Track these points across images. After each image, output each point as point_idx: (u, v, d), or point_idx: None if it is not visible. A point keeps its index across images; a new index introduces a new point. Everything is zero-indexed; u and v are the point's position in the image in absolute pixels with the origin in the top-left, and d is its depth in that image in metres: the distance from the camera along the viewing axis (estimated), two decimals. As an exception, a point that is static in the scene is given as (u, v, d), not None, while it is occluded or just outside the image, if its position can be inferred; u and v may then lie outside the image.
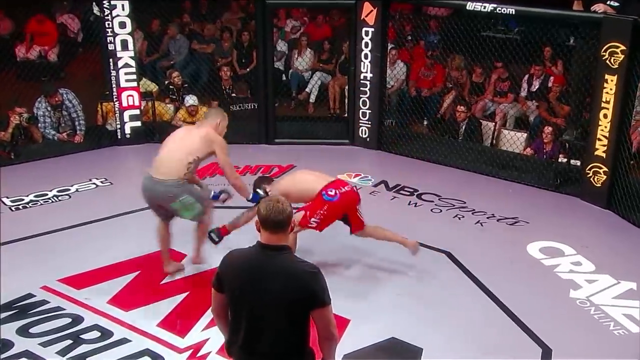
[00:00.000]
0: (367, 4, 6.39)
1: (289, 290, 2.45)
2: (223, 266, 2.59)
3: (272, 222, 2.47)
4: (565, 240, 5.03)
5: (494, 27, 8.64)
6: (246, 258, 2.54)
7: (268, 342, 2.51)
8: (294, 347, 2.53)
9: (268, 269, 2.47)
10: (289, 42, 9.10)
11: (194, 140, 4.15)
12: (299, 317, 2.49)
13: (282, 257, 2.49)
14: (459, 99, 7.36)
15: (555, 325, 4.10)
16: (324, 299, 2.46)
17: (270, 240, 2.50)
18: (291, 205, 2.57)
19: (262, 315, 2.49)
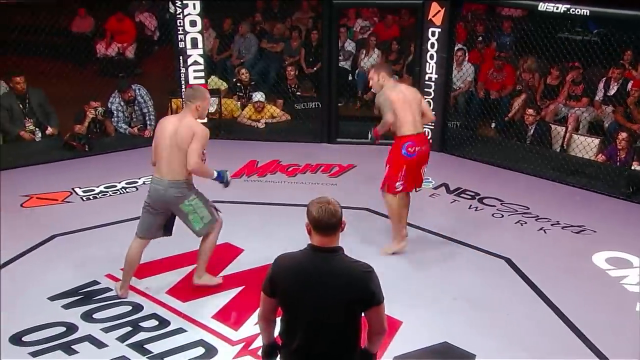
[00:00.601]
0: (434, 4, 6.32)
1: (347, 291, 2.47)
2: (276, 270, 2.60)
3: (325, 224, 2.50)
4: (634, 251, 4.82)
5: (572, 28, 8.36)
6: (300, 262, 2.55)
7: (326, 343, 2.53)
8: (350, 346, 2.58)
9: (325, 272, 2.49)
10: (357, 42, 9.12)
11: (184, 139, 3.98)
12: (355, 316, 2.54)
13: (337, 258, 2.52)
14: (529, 102, 7.16)
15: (616, 337, 3.94)
16: (379, 298, 2.52)
17: (322, 243, 2.52)
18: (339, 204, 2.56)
19: (321, 318, 2.51)
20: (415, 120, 4.65)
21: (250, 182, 6.10)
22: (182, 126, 3.99)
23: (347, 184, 6.04)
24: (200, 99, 4.07)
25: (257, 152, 6.65)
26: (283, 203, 5.64)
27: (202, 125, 4.07)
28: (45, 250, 4.82)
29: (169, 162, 4.02)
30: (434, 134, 6.68)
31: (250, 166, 6.39)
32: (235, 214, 5.41)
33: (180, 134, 3.98)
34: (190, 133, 3.96)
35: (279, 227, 5.22)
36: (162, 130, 4.07)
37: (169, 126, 4.05)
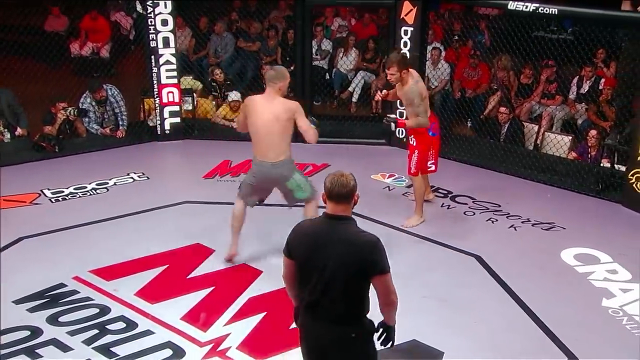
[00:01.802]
0: (406, 3, 6.35)
1: (350, 257, 2.67)
2: (292, 235, 2.84)
3: (336, 194, 2.72)
4: (602, 247, 4.88)
5: (547, 27, 8.43)
6: (313, 227, 2.82)
7: (329, 306, 2.74)
8: (353, 311, 2.76)
9: (332, 237, 2.70)
10: (334, 40, 9.13)
11: (281, 123, 4.33)
12: (359, 283, 2.72)
13: (345, 226, 2.73)
14: (504, 101, 7.21)
15: (584, 334, 3.99)
16: (383, 267, 2.68)
17: (334, 211, 2.74)
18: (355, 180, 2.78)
19: (326, 280, 2.71)
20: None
21: (223, 182, 6.09)
22: (279, 109, 4.30)
23: (320, 183, 5.96)
24: (282, 79, 4.35)
25: (231, 152, 6.63)
26: (256, 203, 5.62)
27: (292, 101, 4.42)
28: (12, 253, 4.77)
29: (272, 144, 4.34)
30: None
31: (224, 166, 6.37)
32: (206, 215, 5.42)
33: (278, 117, 4.29)
34: (289, 113, 4.30)
35: (251, 227, 5.19)
36: (257, 115, 4.34)
37: (263, 112, 4.32)
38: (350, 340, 2.78)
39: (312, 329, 2.84)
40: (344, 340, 2.78)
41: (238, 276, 4.58)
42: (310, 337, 2.87)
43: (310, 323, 2.84)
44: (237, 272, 4.63)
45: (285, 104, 4.34)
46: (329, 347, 2.81)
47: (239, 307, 4.23)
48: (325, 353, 2.83)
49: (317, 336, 2.83)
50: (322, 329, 2.80)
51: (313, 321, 2.82)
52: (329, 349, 2.81)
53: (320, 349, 2.84)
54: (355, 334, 2.79)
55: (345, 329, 2.77)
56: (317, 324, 2.81)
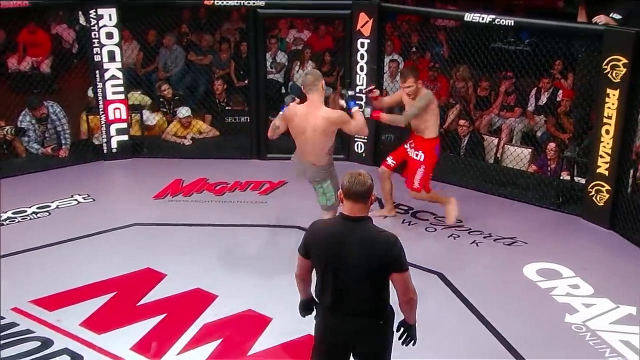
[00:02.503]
0: (362, 15, 6.44)
1: (371, 256, 2.84)
2: (309, 235, 3.01)
3: (355, 193, 2.85)
4: (563, 261, 5.01)
5: (505, 38, 8.68)
6: (330, 228, 2.97)
7: (352, 303, 2.92)
8: (375, 307, 2.95)
9: (351, 238, 2.86)
10: (289, 53, 9.19)
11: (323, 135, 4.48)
12: (379, 281, 2.89)
13: (364, 226, 2.88)
14: (463, 113, 7.37)
15: (548, 351, 4.07)
16: (402, 264, 2.87)
17: (352, 211, 2.88)
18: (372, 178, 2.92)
19: (347, 280, 2.89)
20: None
21: (175, 202, 6.03)
22: (320, 122, 4.43)
23: (277, 201, 6.05)
24: (320, 78, 4.47)
25: (182, 171, 6.58)
26: (210, 224, 5.61)
27: (339, 112, 4.57)
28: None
29: (314, 151, 4.55)
30: (366, 148, 6.78)
31: (175, 185, 6.32)
32: (157, 237, 5.36)
33: (324, 129, 4.44)
34: (332, 125, 4.46)
35: (205, 249, 5.18)
36: (300, 121, 4.49)
37: (307, 124, 4.46)
38: (379, 327, 2.98)
39: (337, 324, 2.99)
40: (373, 328, 2.97)
41: (192, 301, 4.53)
42: (334, 332, 3.02)
43: (335, 319, 2.99)
44: (191, 297, 4.58)
45: (328, 116, 4.46)
46: (357, 338, 2.98)
47: (193, 334, 4.18)
48: (352, 345, 3.01)
49: (342, 331, 2.98)
50: (347, 322, 2.96)
51: (338, 317, 2.97)
52: (356, 340, 2.99)
53: (344, 343, 3.01)
54: (383, 321, 2.98)
55: (372, 320, 2.96)
56: (343, 319, 2.97)
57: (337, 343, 3.04)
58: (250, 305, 4.47)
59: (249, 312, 4.43)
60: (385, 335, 3.03)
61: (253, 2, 6.62)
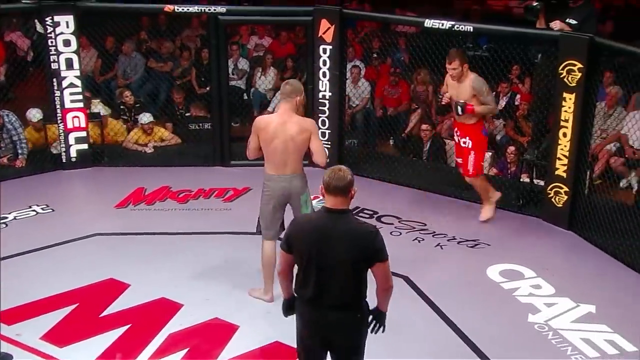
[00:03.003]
0: (324, 21, 6.48)
1: (355, 248, 2.97)
2: (292, 230, 3.11)
3: (334, 187, 2.99)
4: (525, 262, 5.11)
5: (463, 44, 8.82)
6: (313, 221, 3.10)
7: (333, 296, 3.03)
8: (353, 300, 3.09)
9: (335, 230, 2.99)
10: (251, 60, 9.18)
11: (295, 139, 4.39)
12: (360, 272, 3.04)
13: (346, 219, 3.03)
14: (425, 118, 7.46)
15: (512, 351, 4.15)
16: (383, 255, 3.03)
17: (333, 204, 3.02)
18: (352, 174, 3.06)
19: (330, 271, 3.00)
20: None
21: (137, 211, 5.96)
22: (294, 128, 4.36)
23: (242, 208, 6.03)
24: (299, 92, 4.44)
25: (144, 179, 6.51)
26: (174, 232, 5.56)
27: (307, 119, 4.57)
28: None
29: (286, 161, 4.41)
30: (330, 154, 6.78)
31: (137, 194, 6.24)
32: (120, 247, 5.29)
33: (296, 138, 4.36)
34: (306, 134, 4.38)
35: (169, 258, 5.14)
36: (271, 132, 4.39)
37: (279, 132, 4.38)
38: (356, 321, 3.12)
39: (317, 318, 3.11)
40: (351, 322, 3.10)
41: (157, 311, 4.49)
42: (314, 326, 3.14)
43: (315, 313, 3.10)
44: (156, 307, 4.53)
45: (301, 123, 4.42)
46: (335, 331, 3.11)
47: (158, 344, 4.14)
48: (331, 338, 3.13)
49: (322, 324, 3.11)
50: (329, 316, 3.07)
51: (318, 310, 3.08)
52: (334, 333, 3.11)
53: (326, 334, 3.13)
54: (360, 315, 3.13)
55: (352, 313, 3.09)
56: (323, 312, 3.08)
57: (315, 336, 3.15)
58: (216, 314, 4.45)
59: (215, 320, 4.41)
60: (361, 329, 3.17)
61: (214, 9, 6.61)
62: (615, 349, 4.17)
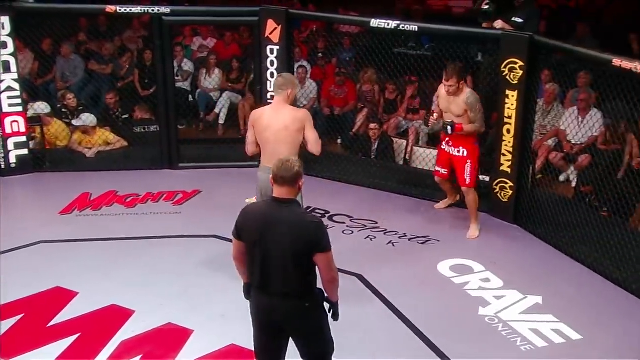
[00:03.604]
0: (270, 22, 6.47)
1: (297, 237, 3.05)
2: (241, 218, 3.20)
3: (281, 178, 3.11)
4: (474, 257, 5.24)
5: (406, 43, 8.97)
6: (260, 209, 3.20)
7: (279, 284, 3.10)
8: (301, 289, 3.13)
9: (278, 219, 3.07)
10: (196, 61, 9.09)
11: (288, 129, 4.39)
12: (304, 261, 3.08)
13: (290, 209, 3.11)
14: (372, 117, 7.55)
15: (465, 344, 4.25)
16: (325, 245, 3.08)
17: (280, 194, 3.13)
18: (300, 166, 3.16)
19: (273, 259, 3.08)
20: None
21: (83, 217, 5.83)
22: (287, 118, 4.38)
23: (192, 211, 5.98)
24: (291, 85, 4.46)
25: (89, 184, 6.37)
26: (122, 237, 5.46)
27: (304, 111, 4.56)
28: None
29: (278, 152, 4.24)
30: (279, 154, 6.79)
31: (83, 199, 6.10)
32: (67, 254, 5.17)
33: (290, 127, 4.37)
34: (299, 124, 4.38)
35: (118, 264, 5.05)
36: (265, 123, 4.42)
37: (272, 122, 4.40)
38: (305, 310, 3.17)
39: (266, 304, 3.18)
40: (299, 311, 3.16)
41: (107, 319, 4.40)
42: (264, 312, 3.21)
43: (264, 299, 3.18)
44: (106, 315, 4.45)
45: (294, 113, 4.44)
46: (284, 320, 3.18)
47: (110, 352, 4.07)
48: (281, 326, 3.20)
49: (271, 311, 3.17)
50: (275, 303, 3.14)
51: (266, 297, 3.16)
52: (284, 322, 3.19)
53: (275, 322, 3.20)
54: (309, 304, 3.17)
55: (298, 301, 3.14)
56: (271, 300, 3.15)
57: (267, 322, 3.21)
58: (169, 319, 4.40)
59: (168, 325, 4.36)
60: (313, 317, 3.22)
61: (158, 10, 6.51)
62: (561, 337, 4.31)
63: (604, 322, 4.47)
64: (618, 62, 4.64)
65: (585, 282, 4.96)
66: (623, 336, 4.32)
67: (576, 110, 6.79)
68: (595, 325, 4.42)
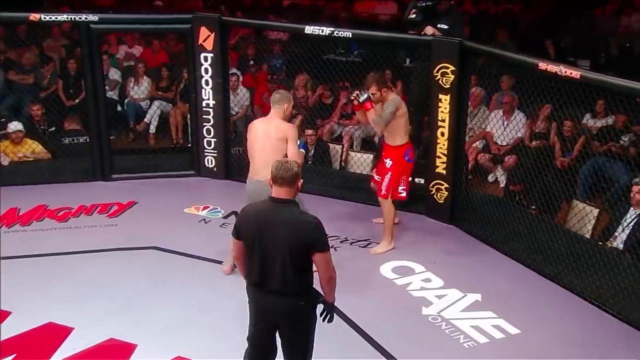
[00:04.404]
0: (203, 29, 6.42)
1: (294, 236, 3.14)
2: (240, 217, 3.33)
3: (280, 178, 3.19)
4: (415, 258, 5.36)
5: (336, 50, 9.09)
6: (259, 210, 3.26)
7: (276, 282, 3.20)
8: (298, 288, 3.23)
9: (277, 219, 3.16)
10: (123, 70, 8.89)
11: (271, 137, 4.65)
12: (302, 260, 3.18)
13: (289, 209, 3.20)
14: (306, 123, 7.60)
15: (410, 343, 4.34)
16: (323, 245, 3.19)
17: (279, 194, 3.22)
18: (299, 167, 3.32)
19: (272, 258, 3.17)
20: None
21: (12, 233, 5.60)
22: (272, 128, 4.68)
23: (129, 222, 5.84)
24: (287, 101, 4.76)
25: (17, 199, 6.10)
26: (56, 252, 5.29)
27: (290, 125, 4.81)
28: None
29: (264, 162, 4.44)
30: (217, 162, 6.76)
31: (10, 215, 5.85)
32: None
33: (272, 135, 4.63)
34: (281, 133, 4.63)
35: (53, 280, 4.88)
36: (254, 134, 4.74)
37: (259, 130, 4.74)
38: (300, 309, 3.27)
39: (263, 302, 3.29)
40: (295, 310, 3.27)
41: (45, 337, 4.25)
42: (261, 310, 3.32)
43: (261, 297, 3.29)
44: (43, 333, 4.30)
45: (279, 124, 4.70)
46: (280, 317, 3.29)
47: (50, 372, 3.92)
48: (277, 323, 3.32)
49: (268, 309, 3.29)
50: (272, 302, 3.26)
51: (263, 295, 3.27)
52: (280, 319, 3.30)
53: (272, 319, 3.31)
54: (304, 303, 3.28)
55: (294, 300, 3.24)
56: (268, 298, 3.26)
57: (264, 319, 3.33)
58: (111, 334, 4.29)
59: (110, 341, 4.25)
60: (306, 317, 3.32)
61: (86, 17, 6.34)
62: (501, 333, 4.47)
63: (540, 316, 4.66)
64: (544, 66, 4.88)
65: (520, 277, 5.17)
66: (559, 329, 4.52)
67: (501, 113, 7.09)
68: (532, 319, 4.61)
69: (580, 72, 4.68)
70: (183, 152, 7.25)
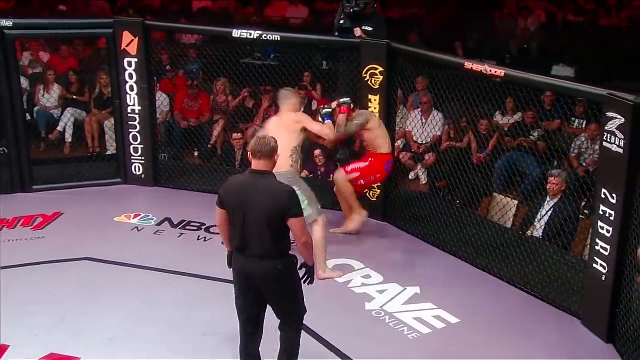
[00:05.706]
0: (126, 34, 6.28)
1: (271, 203, 3.45)
2: (224, 188, 3.62)
3: (259, 152, 3.52)
4: (353, 255, 5.47)
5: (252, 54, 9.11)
6: (240, 181, 3.57)
7: (256, 247, 3.50)
8: (276, 252, 3.53)
9: (255, 188, 3.48)
10: (30, 77, 8.50)
11: (285, 132, 4.79)
12: (278, 225, 3.48)
13: (266, 179, 3.52)
14: (230, 127, 7.57)
15: (356, 337, 4.45)
16: (296, 211, 3.51)
17: (257, 166, 3.54)
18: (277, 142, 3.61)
19: (252, 224, 3.48)
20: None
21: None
22: (284, 119, 5.00)
23: (57, 234, 5.62)
24: (292, 95, 5.19)
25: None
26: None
27: (299, 112, 5.15)
28: None
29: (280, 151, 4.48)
30: (145, 168, 6.61)
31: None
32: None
33: (280, 125, 4.87)
34: (292, 122, 4.94)
35: None
36: (268, 129, 4.89)
37: (273, 123, 5.01)
38: (278, 272, 3.55)
39: (245, 266, 3.57)
40: (273, 272, 3.54)
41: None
42: (243, 274, 3.59)
43: (242, 261, 3.57)
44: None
45: (290, 115, 5.02)
46: (261, 280, 3.56)
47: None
48: (258, 286, 3.57)
49: (249, 272, 3.56)
50: (253, 265, 3.54)
51: (244, 259, 3.55)
52: (261, 282, 3.56)
53: (254, 282, 3.57)
54: (282, 266, 3.56)
55: (272, 263, 3.53)
56: (248, 261, 3.54)
57: (246, 283, 3.59)
58: (51, 349, 4.16)
59: (51, 356, 4.12)
60: (286, 279, 3.60)
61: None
62: (442, 322, 4.67)
63: (476, 304, 4.90)
64: (470, 65, 5.14)
65: (454, 269, 5.41)
66: (495, 316, 4.78)
67: (419, 113, 7.38)
68: (469, 308, 4.83)
69: (505, 71, 4.97)
70: (109, 160, 7.03)
